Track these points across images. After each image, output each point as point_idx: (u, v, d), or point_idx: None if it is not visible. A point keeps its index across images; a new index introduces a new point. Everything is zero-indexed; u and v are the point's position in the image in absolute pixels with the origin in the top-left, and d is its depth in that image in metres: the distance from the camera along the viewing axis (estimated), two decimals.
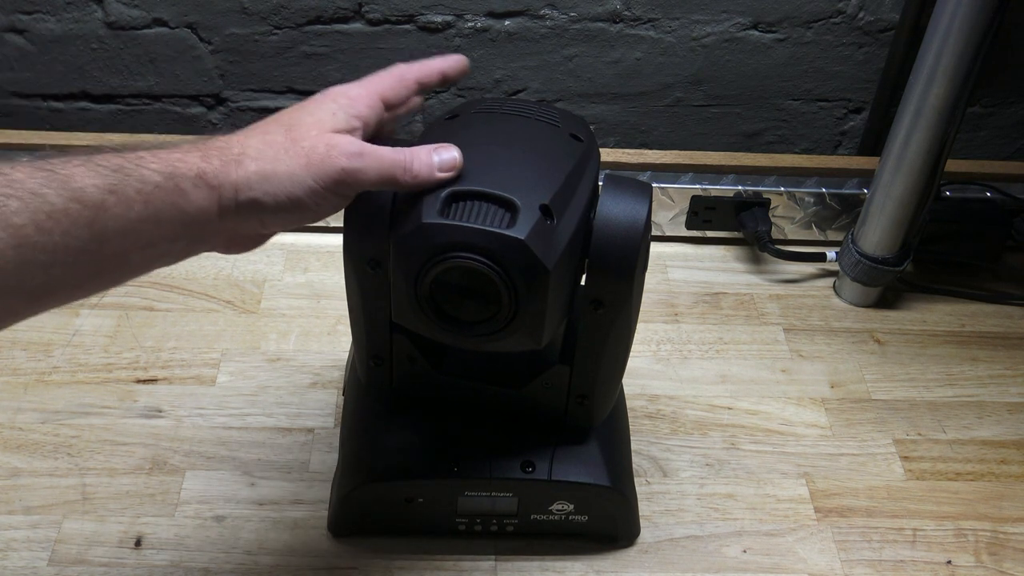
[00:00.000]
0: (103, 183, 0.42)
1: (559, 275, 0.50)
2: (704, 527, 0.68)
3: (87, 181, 0.41)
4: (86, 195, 0.41)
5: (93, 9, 0.91)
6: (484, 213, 0.48)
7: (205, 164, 0.45)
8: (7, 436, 0.71)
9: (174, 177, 0.44)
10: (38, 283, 0.41)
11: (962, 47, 0.71)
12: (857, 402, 0.79)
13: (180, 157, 0.45)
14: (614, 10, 0.92)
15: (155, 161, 0.44)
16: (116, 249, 0.43)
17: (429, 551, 0.65)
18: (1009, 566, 0.66)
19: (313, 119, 0.48)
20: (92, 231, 0.41)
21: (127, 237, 0.43)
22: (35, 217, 0.39)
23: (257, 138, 0.47)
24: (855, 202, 0.91)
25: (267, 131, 0.48)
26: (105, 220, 0.42)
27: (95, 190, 0.41)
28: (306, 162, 0.46)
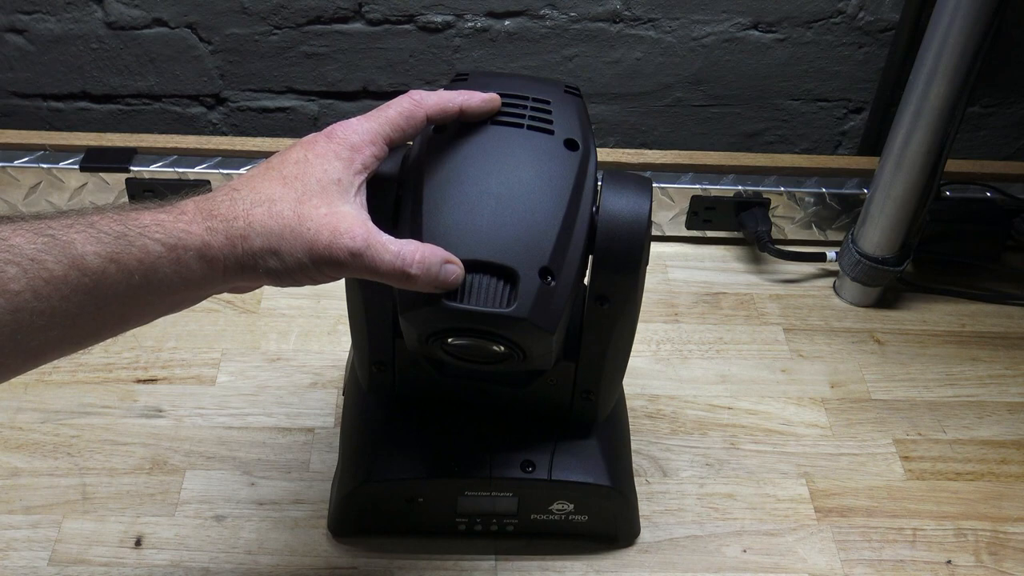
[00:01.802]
0: (104, 251, 0.41)
1: (564, 322, 0.51)
2: (704, 527, 0.68)
3: (88, 248, 0.41)
4: (87, 263, 0.41)
5: (93, 9, 0.91)
6: (486, 291, 0.48)
7: (210, 238, 0.44)
8: (7, 436, 0.71)
9: (177, 249, 0.43)
10: (35, 344, 0.41)
11: (962, 47, 0.71)
12: (857, 402, 0.79)
13: (184, 229, 0.44)
14: (614, 10, 0.92)
15: (158, 230, 0.43)
16: (115, 313, 0.43)
17: (429, 551, 0.65)
18: (1009, 566, 0.66)
19: (319, 186, 0.46)
20: (91, 298, 0.41)
21: (126, 303, 0.43)
22: (33, 283, 0.39)
23: (263, 209, 0.45)
24: (855, 202, 0.91)
25: (273, 200, 0.46)
26: (105, 288, 0.42)
27: (96, 258, 0.41)
28: (310, 248, 0.45)
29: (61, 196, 0.89)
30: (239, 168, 0.88)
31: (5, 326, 0.39)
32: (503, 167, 0.51)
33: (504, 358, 0.52)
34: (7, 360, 0.41)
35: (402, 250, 0.46)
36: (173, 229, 0.43)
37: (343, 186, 0.47)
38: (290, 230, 0.45)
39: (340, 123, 0.50)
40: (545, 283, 0.49)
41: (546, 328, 0.49)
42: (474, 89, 0.52)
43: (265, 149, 0.90)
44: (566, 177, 0.52)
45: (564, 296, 0.50)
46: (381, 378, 0.62)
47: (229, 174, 0.88)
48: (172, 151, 0.89)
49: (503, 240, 0.49)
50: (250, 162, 0.89)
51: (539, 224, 0.50)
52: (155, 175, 0.88)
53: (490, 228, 0.49)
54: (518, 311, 0.48)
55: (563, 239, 0.50)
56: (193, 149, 0.89)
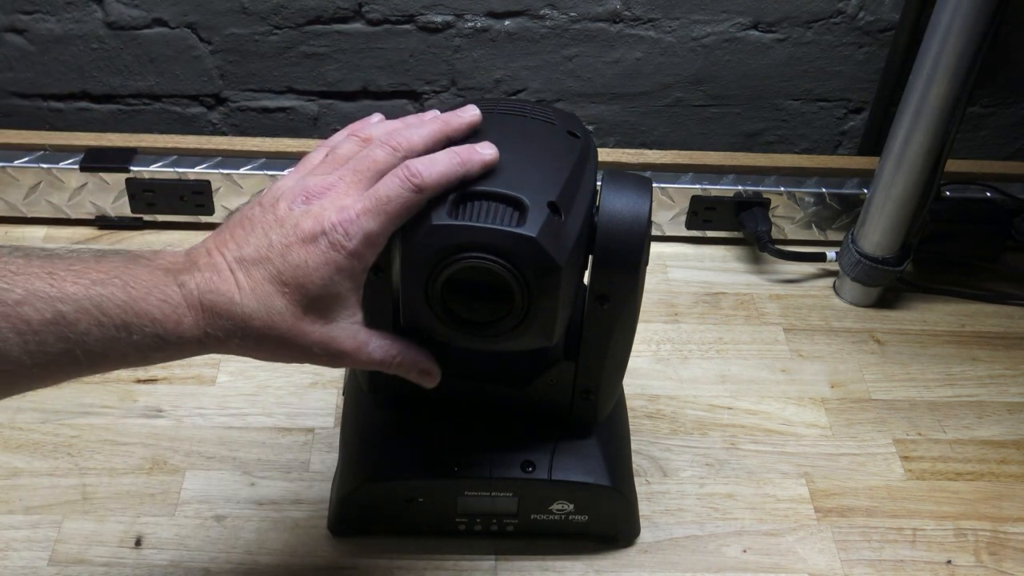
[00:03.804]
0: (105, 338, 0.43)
1: (569, 271, 0.50)
2: (704, 527, 0.68)
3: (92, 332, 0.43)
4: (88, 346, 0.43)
5: (93, 9, 0.91)
6: (494, 212, 0.48)
7: (206, 340, 0.46)
8: (7, 436, 0.71)
9: (173, 345, 0.46)
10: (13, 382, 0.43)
11: (962, 47, 0.71)
12: (857, 402, 0.79)
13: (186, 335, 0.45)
14: (614, 10, 0.92)
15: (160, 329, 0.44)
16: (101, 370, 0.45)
17: (429, 551, 0.65)
18: (1009, 566, 0.66)
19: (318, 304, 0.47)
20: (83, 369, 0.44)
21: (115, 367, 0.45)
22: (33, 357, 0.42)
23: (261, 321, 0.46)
24: (855, 202, 0.91)
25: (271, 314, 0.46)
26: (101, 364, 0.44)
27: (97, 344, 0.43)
28: (295, 358, 0.48)
29: (61, 196, 0.89)
30: (239, 168, 0.88)
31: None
32: (512, 134, 0.52)
33: (506, 312, 0.50)
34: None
35: (384, 359, 0.51)
36: (174, 331, 0.45)
37: (342, 299, 0.48)
38: (284, 346, 0.47)
39: (341, 217, 0.46)
40: (553, 215, 0.49)
41: (555, 256, 0.48)
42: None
43: (265, 149, 0.90)
44: (570, 152, 0.53)
45: (572, 237, 0.49)
46: (381, 378, 0.62)
47: (229, 174, 0.88)
48: (172, 151, 0.89)
49: (512, 178, 0.49)
50: (250, 162, 0.89)
51: (547, 171, 0.51)
52: (155, 175, 0.88)
53: (499, 168, 0.50)
54: (527, 230, 0.47)
55: (570, 189, 0.50)
56: (193, 149, 0.89)
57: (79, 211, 0.90)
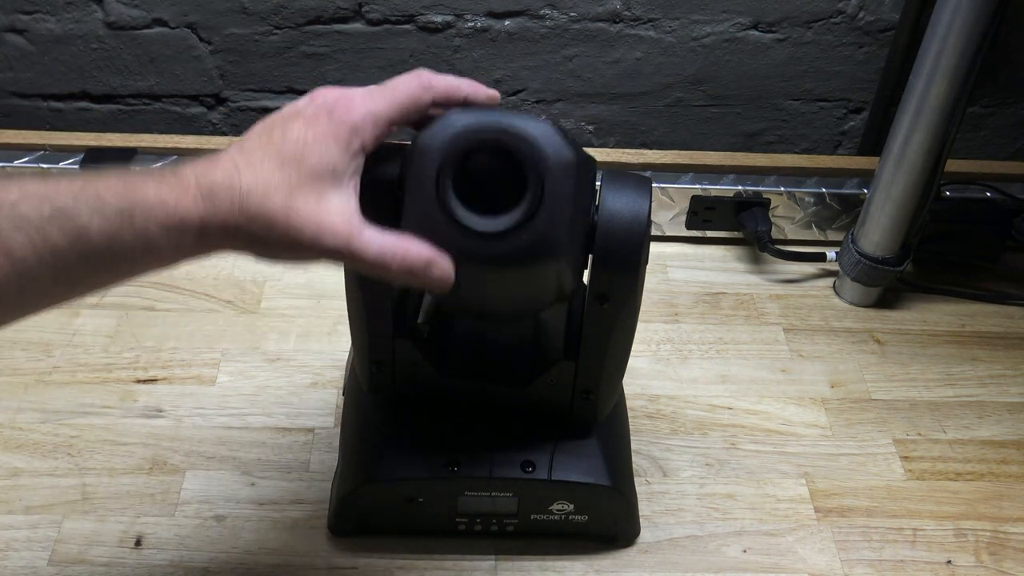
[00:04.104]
0: (107, 227, 0.43)
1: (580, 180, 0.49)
2: (704, 527, 0.68)
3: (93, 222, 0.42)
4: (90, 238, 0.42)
5: (93, 9, 0.91)
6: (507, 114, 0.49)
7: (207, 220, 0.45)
8: (7, 436, 0.71)
9: (175, 230, 0.45)
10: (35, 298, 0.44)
11: (962, 47, 0.71)
12: (857, 402, 0.79)
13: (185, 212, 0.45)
14: (614, 10, 0.92)
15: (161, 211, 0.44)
16: (113, 276, 0.45)
17: (429, 551, 0.65)
18: (1009, 566, 0.66)
19: (312, 174, 0.46)
20: (92, 266, 0.44)
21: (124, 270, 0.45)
22: (39, 252, 0.42)
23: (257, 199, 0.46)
24: (855, 202, 0.91)
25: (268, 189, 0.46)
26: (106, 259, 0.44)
27: (99, 234, 0.43)
28: (292, 243, 0.46)
29: None
30: None
31: (10, 284, 0.41)
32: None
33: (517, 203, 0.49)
34: (7, 313, 0.43)
35: (383, 251, 0.47)
36: (175, 211, 0.44)
37: (337, 174, 0.47)
38: (277, 224, 0.46)
39: (344, 96, 0.48)
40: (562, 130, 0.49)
41: (570, 145, 0.48)
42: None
43: None
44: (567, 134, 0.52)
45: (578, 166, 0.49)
46: (381, 378, 0.62)
47: None
48: (172, 151, 0.89)
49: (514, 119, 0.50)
50: None
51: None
52: None
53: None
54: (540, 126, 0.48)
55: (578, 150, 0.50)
56: (193, 149, 0.89)
57: None
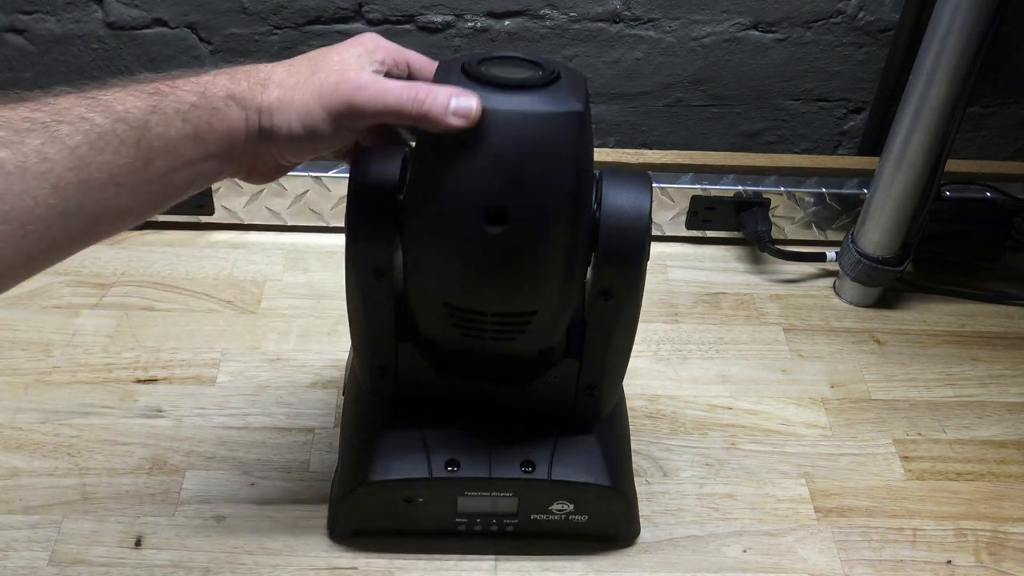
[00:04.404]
0: (144, 104, 0.45)
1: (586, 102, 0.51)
2: (704, 527, 0.68)
3: (129, 103, 0.45)
4: (130, 116, 0.44)
5: (93, 9, 0.91)
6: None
7: (234, 86, 0.49)
8: (7, 436, 0.71)
9: (207, 96, 0.48)
10: (95, 206, 0.44)
11: (962, 47, 0.71)
12: (857, 402, 0.79)
13: (211, 79, 0.49)
14: (614, 10, 0.92)
15: (188, 84, 0.48)
16: (160, 168, 0.46)
17: (429, 551, 0.65)
18: (1009, 566, 0.66)
19: (338, 58, 0.51)
20: (138, 150, 0.45)
21: (169, 154, 0.46)
22: (87, 138, 0.43)
23: (283, 68, 0.50)
24: (855, 202, 0.91)
25: (293, 63, 0.51)
26: (150, 139, 0.45)
27: (138, 111, 0.45)
28: (318, 93, 0.49)
29: None
30: None
31: (69, 184, 0.42)
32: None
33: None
34: (71, 222, 0.43)
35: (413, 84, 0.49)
36: (201, 81, 0.48)
37: (361, 61, 0.51)
38: (303, 80, 0.50)
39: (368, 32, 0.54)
40: None
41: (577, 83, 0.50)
42: None
43: None
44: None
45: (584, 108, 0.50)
46: (384, 382, 0.62)
47: None
48: None
49: None
50: None
51: None
52: None
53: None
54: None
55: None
56: None
57: None
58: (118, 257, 0.88)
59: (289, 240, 0.91)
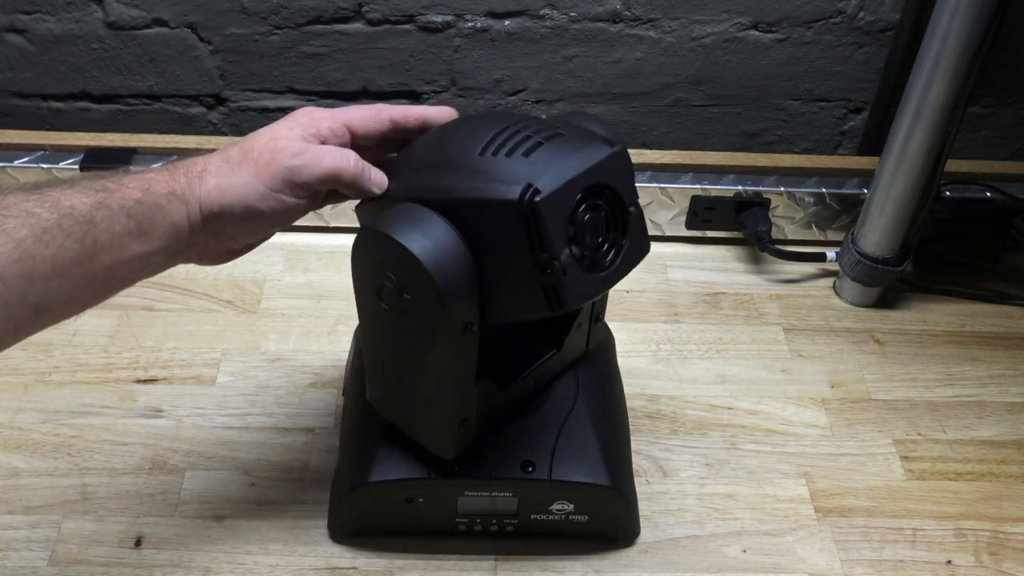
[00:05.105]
0: (91, 200, 0.46)
1: None
2: (704, 527, 0.68)
3: (76, 199, 0.46)
4: (77, 211, 0.46)
5: (93, 9, 0.91)
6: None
7: (174, 183, 0.50)
8: (7, 436, 0.71)
9: (151, 193, 0.49)
10: (38, 296, 0.45)
11: (962, 47, 0.71)
12: (857, 402, 0.79)
13: (154, 177, 0.50)
14: (614, 10, 0.92)
15: (134, 181, 0.49)
16: (105, 261, 0.47)
17: (429, 551, 0.65)
18: (1009, 566, 0.66)
19: (269, 135, 0.52)
20: (84, 244, 0.46)
21: (114, 249, 0.47)
22: (33, 232, 0.44)
23: (218, 157, 0.51)
24: (855, 202, 0.91)
25: (227, 150, 0.52)
26: (95, 233, 0.46)
27: (84, 207, 0.46)
28: (254, 171, 0.50)
29: None
30: None
31: (12, 275, 0.43)
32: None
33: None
34: (13, 313, 0.44)
35: (338, 153, 0.51)
36: (145, 178, 0.49)
37: (293, 131, 0.52)
38: (238, 163, 0.50)
39: (310, 107, 0.54)
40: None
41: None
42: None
43: None
44: None
45: None
46: (466, 432, 0.59)
47: None
48: (172, 151, 0.89)
49: None
50: None
51: None
52: None
53: None
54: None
55: None
56: (193, 149, 0.89)
57: None
58: None
59: (289, 240, 0.91)
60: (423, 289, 0.50)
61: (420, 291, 0.50)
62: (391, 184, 0.54)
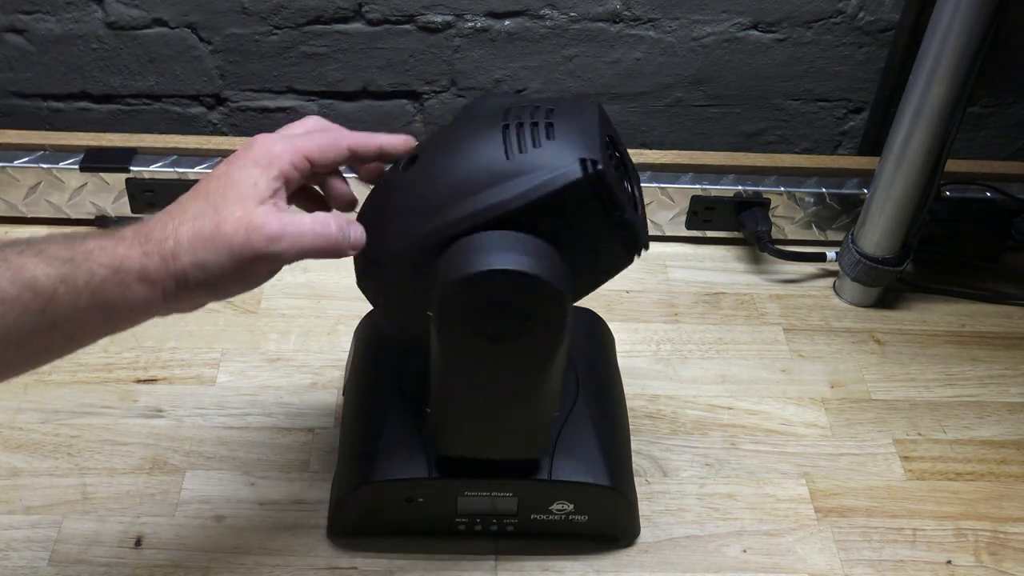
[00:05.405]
0: (54, 273, 0.45)
1: None
2: (704, 527, 0.68)
3: (39, 270, 0.44)
4: (38, 284, 0.44)
5: (93, 9, 0.91)
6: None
7: (147, 260, 0.47)
8: (7, 436, 0.71)
9: (120, 271, 0.47)
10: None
11: (962, 47, 0.71)
12: (857, 402, 0.79)
13: (125, 253, 0.47)
14: (614, 10, 0.92)
15: (102, 254, 0.46)
16: (65, 332, 0.46)
17: (429, 551, 0.65)
18: (1009, 566, 0.66)
19: (236, 194, 0.49)
20: (43, 318, 0.44)
21: (73, 323, 0.46)
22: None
23: (188, 227, 0.48)
24: (855, 202, 0.91)
25: (197, 217, 0.49)
26: (55, 308, 0.45)
27: (47, 279, 0.44)
28: (229, 250, 0.48)
29: (61, 196, 0.89)
30: None
31: None
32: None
33: None
34: None
35: (314, 221, 0.50)
36: (115, 254, 0.47)
37: (259, 189, 0.49)
38: (211, 239, 0.48)
39: (264, 136, 0.52)
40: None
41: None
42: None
43: None
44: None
45: None
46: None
47: None
48: (172, 151, 0.89)
49: None
50: None
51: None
52: (155, 175, 0.88)
53: None
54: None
55: None
56: (193, 149, 0.89)
57: (79, 211, 0.90)
58: None
59: None
60: (543, 300, 0.50)
61: (539, 304, 0.50)
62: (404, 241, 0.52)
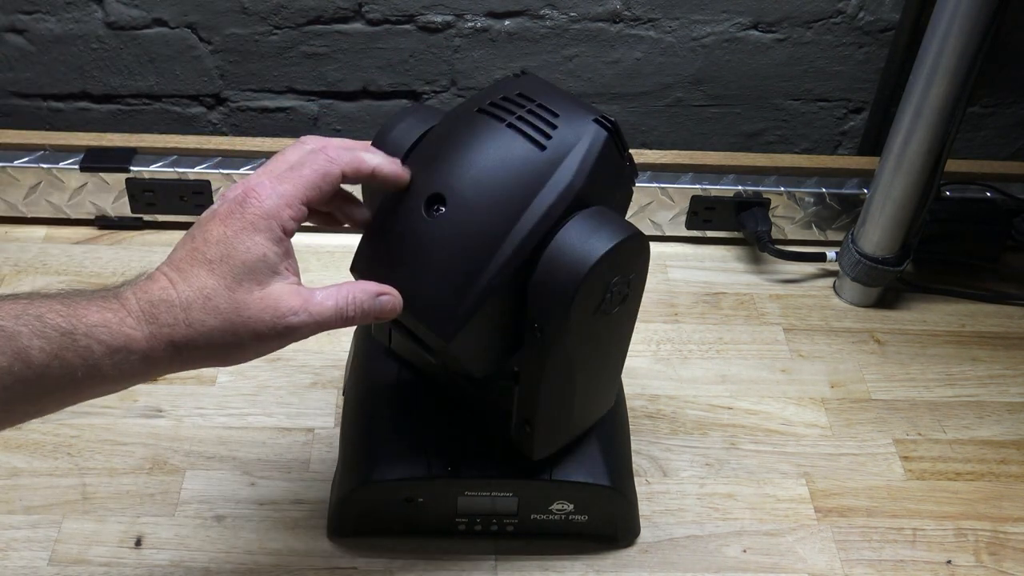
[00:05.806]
0: (49, 347, 0.43)
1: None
2: (704, 527, 0.68)
3: (34, 343, 0.42)
4: (31, 357, 0.42)
5: (93, 9, 0.91)
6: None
7: (153, 344, 0.45)
8: (7, 436, 0.71)
9: (121, 352, 0.45)
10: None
11: (962, 47, 0.71)
12: (857, 402, 0.79)
13: (129, 335, 0.45)
14: (614, 10, 0.92)
15: (104, 332, 0.44)
16: (54, 400, 0.45)
17: (429, 551, 0.65)
18: (1009, 566, 0.66)
19: (246, 269, 0.47)
20: (33, 388, 0.43)
21: (64, 392, 0.45)
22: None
23: (200, 308, 0.46)
24: (855, 202, 0.91)
25: (209, 296, 0.46)
26: (47, 381, 0.43)
27: (41, 353, 0.42)
28: (255, 335, 0.47)
29: (61, 196, 0.89)
30: (239, 168, 0.88)
31: None
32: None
33: None
34: None
35: (338, 301, 0.49)
36: (118, 333, 0.45)
37: (270, 262, 0.47)
38: (231, 325, 0.46)
39: (254, 186, 0.48)
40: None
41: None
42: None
43: (265, 149, 0.90)
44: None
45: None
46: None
47: (229, 174, 0.88)
48: (172, 151, 0.89)
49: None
50: (250, 162, 0.89)
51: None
52: (155, 175, 0.88)
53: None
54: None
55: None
56: (193, 149, 0.89)
57: (79, 211, 0.90)
58: (118, 257, 0.88)
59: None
60: (644, 254, 0.55)
61: (643, 259, 0.55)
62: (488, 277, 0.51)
